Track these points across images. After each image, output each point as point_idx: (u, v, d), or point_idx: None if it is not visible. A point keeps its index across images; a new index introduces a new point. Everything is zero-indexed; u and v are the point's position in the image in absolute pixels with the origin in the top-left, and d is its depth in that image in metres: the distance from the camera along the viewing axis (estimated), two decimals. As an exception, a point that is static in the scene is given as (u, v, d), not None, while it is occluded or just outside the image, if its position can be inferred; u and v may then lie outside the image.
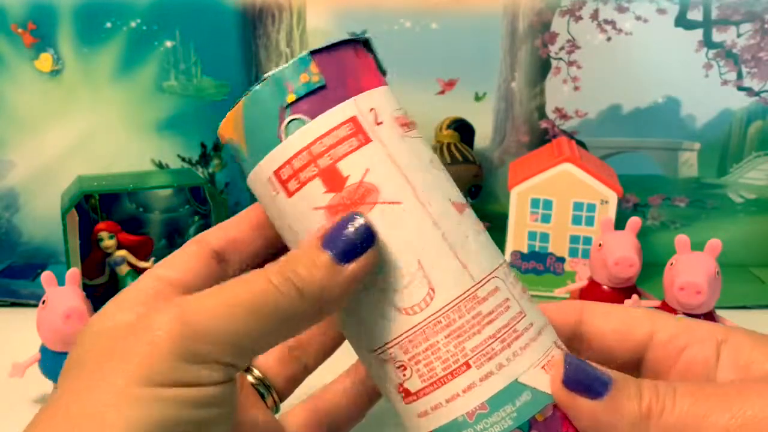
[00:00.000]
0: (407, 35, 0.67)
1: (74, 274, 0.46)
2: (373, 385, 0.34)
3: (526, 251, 0.63)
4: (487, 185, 0.69)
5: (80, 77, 0.67)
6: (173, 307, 0.25)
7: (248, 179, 0.29)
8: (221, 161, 0.70)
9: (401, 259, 0.27)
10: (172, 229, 0.68)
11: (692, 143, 0.70)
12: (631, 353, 0.30)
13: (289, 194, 0.28)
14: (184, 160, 0.70)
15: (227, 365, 0.25)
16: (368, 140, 0.27)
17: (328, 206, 0.27)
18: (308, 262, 0.26)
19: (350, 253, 0.26)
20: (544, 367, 0.27)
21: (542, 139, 0.70)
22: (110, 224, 0.61)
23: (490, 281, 0.27)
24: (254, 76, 0.68)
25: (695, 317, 0.48)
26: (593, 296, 0.55)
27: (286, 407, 0.38)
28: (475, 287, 0.27)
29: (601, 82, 0.68)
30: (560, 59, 0.68)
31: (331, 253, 0.26)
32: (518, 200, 0.62)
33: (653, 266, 0.54)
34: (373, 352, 0.28)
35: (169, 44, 0.67)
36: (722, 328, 0.29)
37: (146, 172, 0.67)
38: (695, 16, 0.66)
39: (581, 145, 0.69)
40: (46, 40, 0.66)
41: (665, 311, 0.50)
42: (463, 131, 0.67)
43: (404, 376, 0.28)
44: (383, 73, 0.30)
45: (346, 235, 0.26)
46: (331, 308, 0.27)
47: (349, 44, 0.29)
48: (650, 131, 0.69)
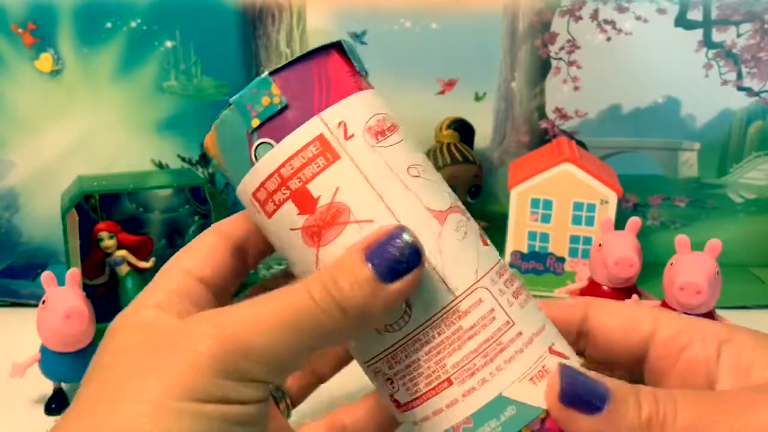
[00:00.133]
0: (407, 35, 0.67)
1: (74, 274, 0.46)
2: None
3: (526, 251, 0.63)
4: (487, 185, 0.69)
5: (80, 77, 0.67)
6: (214, 319, 0.25)
7: (236, 194, 0.29)
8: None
9: None
10: (172, 229, 0.68)
11: (692, 143, 0.70)
12: (634, 350, 0.30)
13: (268, 215, 0.28)
14: (184, 160, 0.70)
15: (266, 382, 0.25)
16: (337, 157, 0.26)
17: (303, 228, 0.27)
18: (350, 276, 0.25)
19: (395, 271, 0.25)
20: (532, 378, 0.26)
21: (542, 139, 0.70)
22: (110, 224, 0.61)
23: (473, 293, 0.26)
24: (254, 76, 0.68)
25: (695, 317, 0.48)
26: (593, 296, 0.55)
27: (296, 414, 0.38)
28: (455, 302, 0.26)
29: (601, 82, 0.68)
30: (560, 59, 0.68)
31: (374, 268, 0.25)
32: (518, 200, 0.62)
33: (653, 266, 0.54)
34: (365, 363, 0.28)
35: (169, 44, 0.67)
36: (725, 327, 0.29)
37: (146, 172, 0.67)
38: (695, 16, 0.66)
39: (581, 145, 0.69)
40: (46, 40, 0.66)
41: (665, 311, 0.50)
42: (463, 131, 0.67)
43: (393, 388, 0.28)
44: (363, 74, 0.29)
45: (391, 252, 0.25)
46: (372, 325, 0.26)
47: (314, 55, 0.27)
48: (650, 131, 0.69)
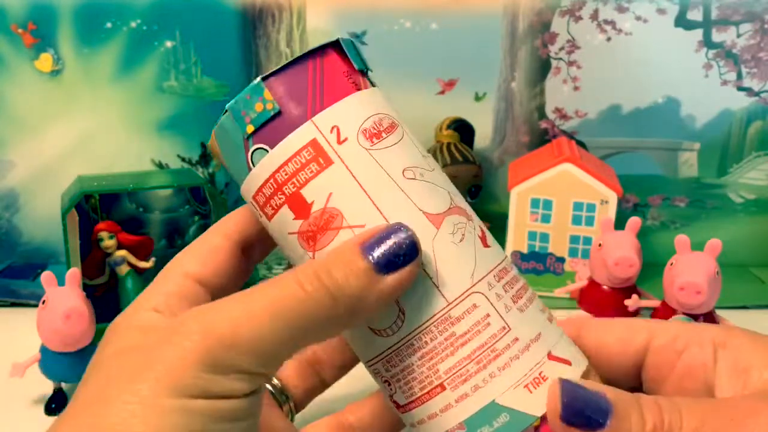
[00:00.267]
0: (407, 35, 0.67)
1: (74, 274, 0.46)
2: None
3: (526, 251, 0.63)
4: (487, 185, 0.69)
5: (80, 77, 0.67)
6: (200, 315, 0.25)
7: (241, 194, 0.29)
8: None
9: None
10: (172, 229, 0.68)
11: (692, 143, 0.70)
12: (631, 361, 0.30)
13: (268, 218, 0.28)
14: (184, 160, 0.70)
15: (255, 374, 0.25)
16: (330, 162, 0.26)
17: (299, 232, 0.27)
18: (345, 267, 0.25)
19: (391, 264, 0.25)
20: (527, 385, 0.26)
21: (542, 139, 0.70)
22: (110, 224, 0.61)
23: (467, 298, 0.26)
24: (254, 76, 0.68)
25: (695, 317, 0.48)
26: (593, 296, 0.55)
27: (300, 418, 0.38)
28: (447, 307, 0.26)
29: (601, 82, 0.68)
30: (560, 59, 0.68)
31: (371, 259, 0.25)
32: (518, 200, 0.62)
33: (653, 266, 0.54)
34: (365, 363, 0.29)
35: (169, 44, 0.67)
36: (721, 330, 0.29)
37: (146, 172, 0.67)
38: (695, 16, 0.66)
39: (581, 145, 0.69)
40: (46, 40, 0.66)
41: (665, 311, 0.50)
42: (463, 131, 0.67)
43: (391, 390, 0.28)
44: (363, 71, 0.29)
45: (388, 244, 0.25)
46: (363, 317, 0.26)
47: (308, 57, 0.27)
48: (650, 131, 0.69)
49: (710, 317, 0.49)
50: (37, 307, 0.46)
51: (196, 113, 0.68)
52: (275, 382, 0.38)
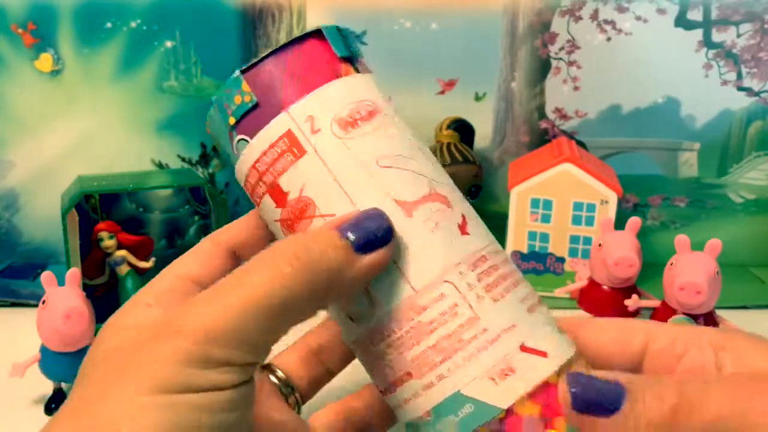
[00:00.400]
0: (407, 35, 0.67)
1: (74, 274, 0.46)
2: None
3: (526, 251, 0.63)
4: (487, 185, 0.69)
5: (80, 77, 0.67)
6: (181, 311, 0.25)
7: None
8: (221, 161, 0.70)
9: None
10: (172, 229, 0.68)
11: (692, 143, 0.70)
12: (628, 364, 0.29)
13: (257, 205, 0.29)
14: (184, 160, 0.70)
15: (242, 365, 0.25)
16: (303, 152, 0.27)
17: (280, 220, 0.28)
18: (323, 241, 0.25)
19: (368, 244, 0.26)
20: (493, 377, 0.26)
21: (542, 139, 0.70)
22: (110, 224, 0.61)
23: (435, 288, 0.26)
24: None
25: (695, 317, 0.48)
26: (593, 296, 0.55)
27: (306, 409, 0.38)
28: (415, 296, 0.26)
29: (601, 82, 0.68)
30: (560, 59, 0.68)
31: (348, 238, 0.26)
32: (518, 200, 0.62)
33: (653, 266, 0.54)
34: (351, 349, 0.29)
35: (169, 44, 0.67)
36: (720, 332, 0.28)
37: (146, 172, 0.67)
38: (695, 16, 0.66)
39: (581, 145, 0.69)
40: (46, 40, 0.66)
41: (665, 311, 0.50)
42: (463, 131, 0.67)
43: (372, 374, 0.28)
44: (349, 58, 0.29)
45: (363, 227, 0.26)
46: (338, 295, 0.26)
47: (287, 48, 0.28)
48: (650, 131, 0.69)
49: (710, 317, 0.49)
50: (37, 307, 0.46)
51: (196, 113, 0.68)
52: (279, 374, 0.37)
